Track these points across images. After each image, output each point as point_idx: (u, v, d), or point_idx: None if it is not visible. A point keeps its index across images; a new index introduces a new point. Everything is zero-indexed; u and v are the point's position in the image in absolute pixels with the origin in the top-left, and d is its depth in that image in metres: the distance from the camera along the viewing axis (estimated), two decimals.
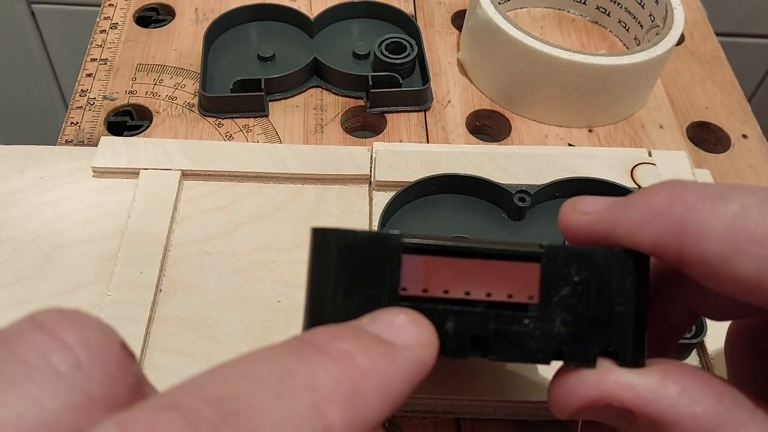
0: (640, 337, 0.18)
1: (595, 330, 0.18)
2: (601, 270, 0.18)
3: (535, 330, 0.18)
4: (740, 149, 0.41)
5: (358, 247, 0.18)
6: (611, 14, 0.46)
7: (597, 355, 0.18)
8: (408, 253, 0.18)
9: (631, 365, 0.18)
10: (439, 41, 0.46)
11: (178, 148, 0.36)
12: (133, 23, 0.46)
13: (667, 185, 0.18)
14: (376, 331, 0.16)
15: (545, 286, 0.18)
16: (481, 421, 0.29)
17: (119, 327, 0.29)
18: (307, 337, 0.15)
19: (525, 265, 0.18)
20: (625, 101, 0.41)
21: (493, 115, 0.42)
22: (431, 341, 0.17)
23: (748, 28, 0.85)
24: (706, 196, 0.17)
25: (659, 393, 0.17)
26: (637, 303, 0.18)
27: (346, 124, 0.41)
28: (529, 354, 0.18)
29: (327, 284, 0.18)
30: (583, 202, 0.20)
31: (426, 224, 0.34)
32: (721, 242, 0.16)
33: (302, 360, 0.14)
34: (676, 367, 0.18)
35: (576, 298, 0.18)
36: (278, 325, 0.31)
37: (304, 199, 0.36)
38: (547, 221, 0.35)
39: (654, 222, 0.17)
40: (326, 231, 0.18)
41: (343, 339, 0.15)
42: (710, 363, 0.30)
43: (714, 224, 0.16)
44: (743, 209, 0.16)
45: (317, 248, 0.18)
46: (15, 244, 0.33)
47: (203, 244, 0.34)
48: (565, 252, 0.18)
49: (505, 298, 0.18)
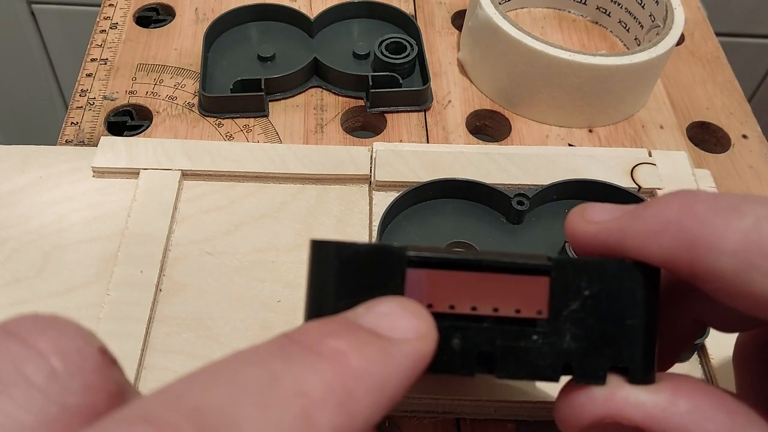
0: (650, 352, 0.18)
1: (605, 345, 0.17)
2: (612, 283, 0.17)
3: (544, 346, 0.17)
4: (740, 149, 0.41)
5: (359, 261, 0.17)
6: (611, 14, 0.46)
7: (606, 371, 0.17)
8: (412, 267, 0.17)
9: (640, 381, 0.17)
10: (439, 41, 0.46)
11: (178, 148, 0.36)
12: (133, 23, 0.46)
13: (678, 196, 0.17)
14: (371, 324, 0.16)
15: (554, 301, 0.17)
16: (481, 421, 0.29)
17: (119, 327, 0.28)
18: (296, 335, 0.14)
19: (533, 279, 0.17)
20: (626, 101, 0.41)
21: (493, 115, 0.42)
22: (429, 332, 0.16)
23: (748, 28, 0.85)
24: (719, 208, 0.16)
25: (669, 411, 0.16)
26: (647, 317, 0.17)
27: (346, 124, 0.41)
28: (537, 371, 0.17)
29: (327, 299, 0.17)
30: (591, 210, 0.19)
31: (424, 229, 0.34)
32: (735, 257, 0.16)
33: (290, 362, 0.13)
34: (686, 382, 0.17)
35: (586, 312, 0.17)
36: (278, 325, 0.31)
37: (304, 199, 0.36)
38: (546, 224, 0.34)
39: (665, 235, 0.17)
40: (326, 243, 0.18)
41: (335, 335, 0.14)
42: (710, 363, 0.30)
43: (727, 238, 0.16)
44: (757, 222, 0.16)
45: (316, 261, 0.18)
46: (15, 244, 0.33)
47: (203, 244, 0.34)
48: (575, 265, 0.17)
49: (512, 314, 0.17)
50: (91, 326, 0.30)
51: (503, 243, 0.34)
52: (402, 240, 0.33)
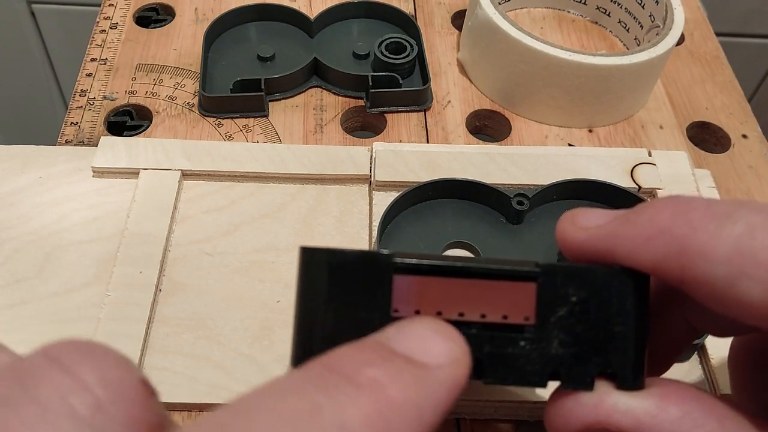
0: (639, 358, 0.18)
1: (593, 351, 0.17)
2: (600, 289, 0.17)
3: (532, 352, 0.17)
4: (740, 149, 0.41)
5: (347, 268, 0.17)
6: (611, 14, 0.46)
7: (595, 377, 0.17)
8: (399, 274, 0.17)
9: (630, 387, 0.17)
10: (439, 41, 0.46)
11: (178, 148, 0.36)
12: (133, 23, 0.46)
13: (671, 202, 0.17)
14: (404, 350, 0.15)
15: (542, 307, 0.17)
16: (481, 421, 0.29)
17: (119, 327, 0.29)
18: (333, 364, 0.14)
19: (521, 285, 0.17)
20: (626, 101, 0.41)
21: (493, 115, 0.42)
22: (463, 356, 0.16)
23: (748, 28, 0.85)
24: (712, 215, 0.16)
25: (659, 417, 0.16)
26: (637, 323, 0.17)
27: (346, 124, 0.41)
28: (525, 377, 0.17)
29: (316, 306, 0.17)
30: (581, 216, 0.19)
31: (424, 230, 0.34)
32: (726, 265, 0.15)
33: (330, 393, 0.13)
34: (675, 388, 0.17)
35: (574, 319, 0.17)
36: (278, 325, 0.31)
37: (304, 199, 0.36)
38: (546, 224, 0.34)
39: (656, 242, 0.17)
40: (315, 250, 0.18)
41: (372, 365, 0.14)
42: (710, 363, 0.30)
43: (719, 246, 0.16)
44: (749, 230, 0.15)
45: (306, 268, 0.18)
46: (15, 245, 0.33)
47: (203, 244, 0.34)
48: (563, 271, 0.17)
49: (500, 320, 0.17)
50: (91, 327, 0.30)
51: (503, 243, 0.34)
52: (402, 240, 0.33)
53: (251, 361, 0.30)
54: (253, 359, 0.30)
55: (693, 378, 0.30)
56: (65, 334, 0.17)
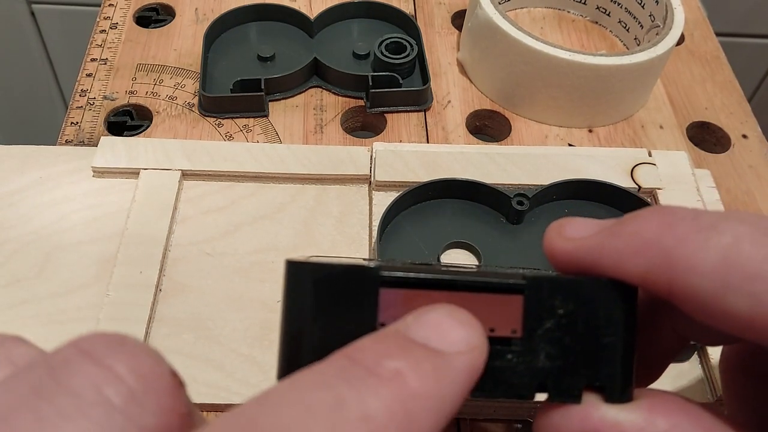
0: (627, 370, 0.17)
1: (581, 364, 0.17)
2: (587, 302, 0.17)
3: (519, 365, 0.17)
4: (740, 149, 0.41)
5: (333, 281, 0.17)
6: (611, 14, 0.46)
7: (583, 389, 0.17)
8: (386, 287, 0.17)
9: (618, 400, 0.17)
10: (439, 41, 0.46)
11: (178, 148, 0.36)
12: (133, 23, 0.46)
13: (657, 213, 0.17)
14: (422, 338, 0.15)
15: (529, 319, 0.17)
16: (481, 421, 0.29)
17: (119, 328, 0.29)
18: (355, 355, 0.15)
19: (507, 298, 0.17)
20: (625, 101, 0.41)
21: (493, 115, 0.42)
22: (480, 342, 0.16)
23: (748, 28, 0.85)
24: (698, 227, 0.16)
25: (647, 430, 0.16)
26: (624, 335, 0.17)
27: (346, 124, 0.41)
28: (511, 390, 0.17)
29: (303, 319, 0.17)
30: (568, 226, 0.19)
31: (424, 230, 0.34)
32: (712, 278, 0.15)
33: (353, 385, 0.14)
34: (664, 400, 0.17)
35: (561, 331, 0.17)
36: (278, 325, 0.31)
37: (304, 199, 0.36)
38: (546, 224, 0.34)
39: (643, 254, 0.16)
40: (300, 264, 0.17)
41: (392, 356, 0.15)
42: (710, 363, 0.30)
43: (705, 258, 0.15)
44: (736, 242, 0.15)
45: (292, 282, 0.18)
46: (15, 245, 0.33)
47: (203, 244, 0.34)
48: (549, 283, 0.17)
49: (487, 332, 0.17)
50: (91, 327, 0.30)
51: (503, 243, 0.34)
52: (402, 240, 0.33)
53: (251, 361, 0.30)
54: (253, 359, 0.30)
55: (693, 378, 0.30)
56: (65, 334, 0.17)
